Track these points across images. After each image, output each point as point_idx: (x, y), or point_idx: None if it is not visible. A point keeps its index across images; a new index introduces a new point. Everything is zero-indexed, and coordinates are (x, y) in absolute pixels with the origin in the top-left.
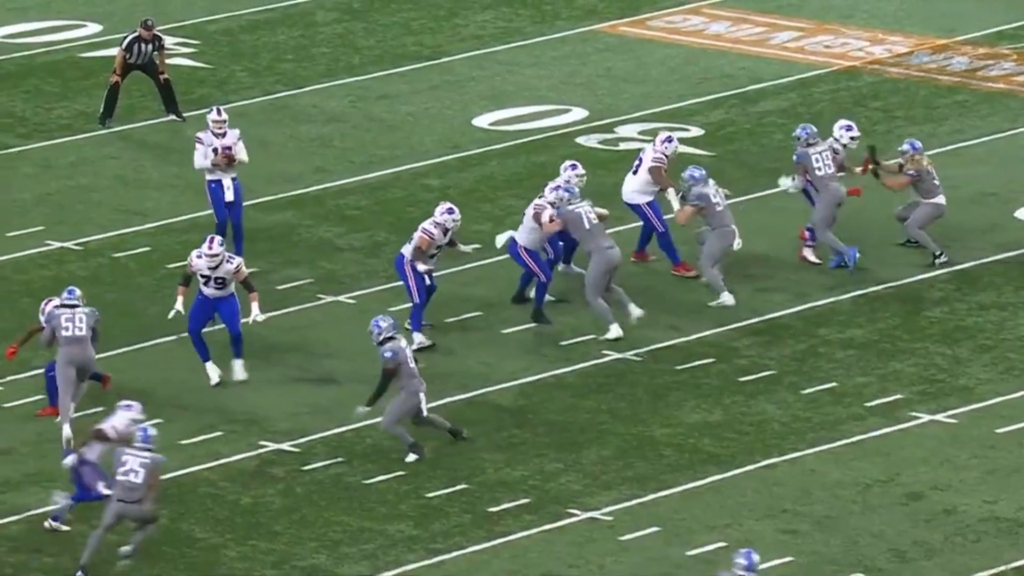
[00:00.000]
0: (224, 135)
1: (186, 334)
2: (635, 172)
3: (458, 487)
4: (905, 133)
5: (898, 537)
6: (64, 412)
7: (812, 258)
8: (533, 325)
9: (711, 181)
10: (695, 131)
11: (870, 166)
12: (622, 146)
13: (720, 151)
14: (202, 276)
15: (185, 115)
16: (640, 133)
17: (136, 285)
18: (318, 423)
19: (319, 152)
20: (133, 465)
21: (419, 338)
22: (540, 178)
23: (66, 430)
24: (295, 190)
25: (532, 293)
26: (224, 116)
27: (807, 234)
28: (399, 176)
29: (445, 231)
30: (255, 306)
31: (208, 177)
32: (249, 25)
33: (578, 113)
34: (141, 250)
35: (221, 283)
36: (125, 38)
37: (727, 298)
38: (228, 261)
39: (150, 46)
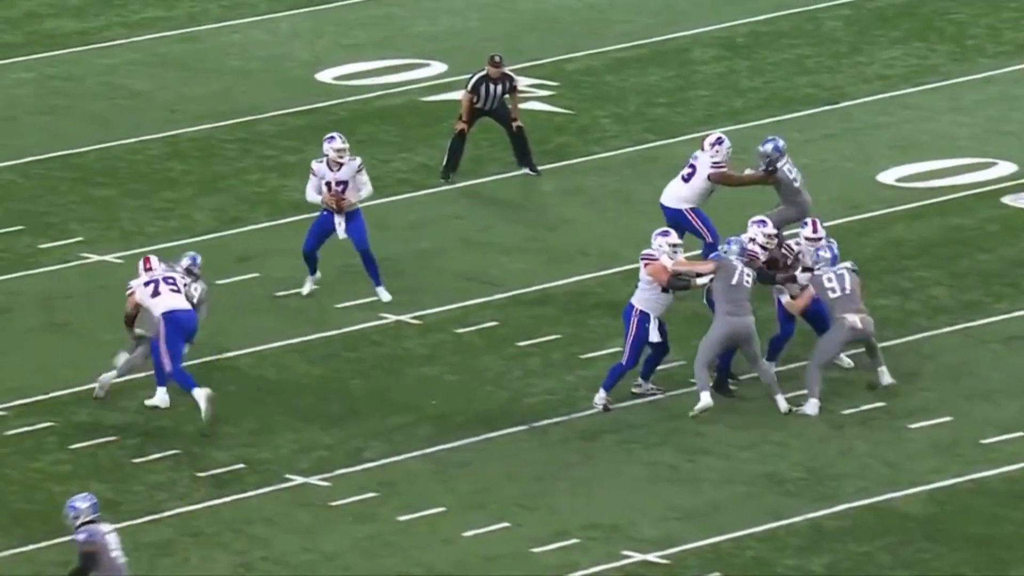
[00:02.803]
0: (342, 167)
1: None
2: (686, 180)
3: None
4: None
5: None
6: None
7: None
8: (947, 419)
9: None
10: None
11: None
12: None
13: None
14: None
15: (541, 168)
16: None
17: (481, 366)
18: (690, 530)
19: None
20: None
21: (601, 397)
22: (957, 245)
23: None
24: None
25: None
26: (345, 144)
27: None
28: None
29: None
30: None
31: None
32: (615, 64)
33: (1005, 167)
34: (488, 324)
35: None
36: (471, 78)
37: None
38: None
39: (500, 87)
